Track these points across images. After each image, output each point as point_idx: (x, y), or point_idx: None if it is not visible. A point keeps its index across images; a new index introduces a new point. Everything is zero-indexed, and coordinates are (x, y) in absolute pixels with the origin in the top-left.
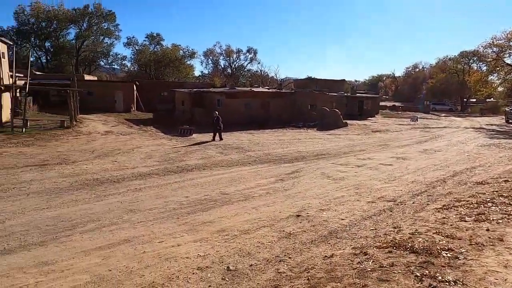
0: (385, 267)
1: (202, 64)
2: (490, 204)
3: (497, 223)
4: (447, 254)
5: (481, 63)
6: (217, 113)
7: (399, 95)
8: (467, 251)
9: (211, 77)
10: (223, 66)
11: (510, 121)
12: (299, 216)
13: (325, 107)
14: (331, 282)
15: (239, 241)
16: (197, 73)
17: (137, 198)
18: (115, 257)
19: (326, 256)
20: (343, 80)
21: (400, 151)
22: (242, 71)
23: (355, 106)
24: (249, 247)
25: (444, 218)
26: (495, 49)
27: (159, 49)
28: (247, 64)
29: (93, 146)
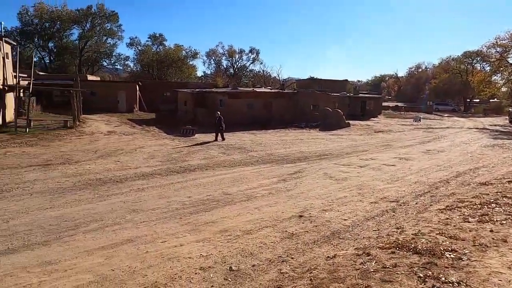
0: (388, 267)
1: (204, 64)
2: (493, 205)
3: (501, 224)
4: (450, 255)
5: (484, 63)
6: (219, 113)
7: (402, 95)
8: (470, 252)
9: (214, 77)
10: (225, 66)
11: None
12: (301, 216)
13: (327, 107)
14: (334, 282)
15: (242, 241)
16: (200, 73)
17: (140, 198)
18: (118, 257)
19: (328, 256)
20: (345, 80)
21: (403, 151)
22: (244, 72)
23: (358, 106)
24: (252, 248)
25: (447, 219)
26: (498, 49)
27: (162, 50)
28: (250, 64)
29: (96, 146)
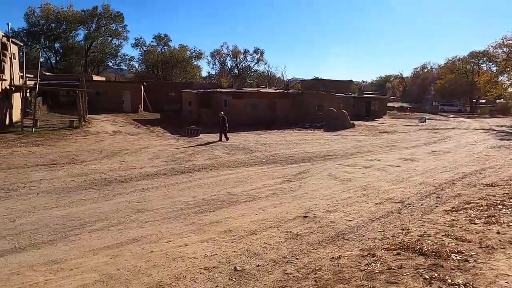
0: (394, 269)
1: (209, 64)
2: (500, 206)
3: (507, 225)
4: (456, 256)
5: (491, 64)
6: (222, 113)
7: (407, 96)
8: (477, 254)
9: (218, 77)
10: (230, 66)
11: None
12: (306, 217)
13: (332, 107)
14: (339, 283)
15: (246, 242)
16: (204, 73)
17: (145, 198)
18: (123, 256)
19: (333, 257)
20: (350, 80)
21: (408, 152)
22: (249, 72)
23: (363, 106)
24: (256, 248)
25: (453, 220)
26: (505, 49)
27: (167, 50)
28: (254, 64)
29: (101, 146)
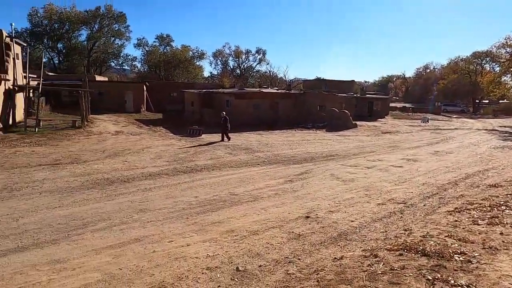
0: (396, 270)
1: (211, 65)
2: (503, 207)
3: (511, 226)
4: (459, 257)
5: (494, 64)
6: (224, 113)
7: (410, 96)
8: (480, 255)
9: (220, 78)
10: (232, 67)
11: None
12: (308, 217)
13: (334, 108)
14: (341, 284)
15: (248, 242)
16: (206, 74)
17: (147, 197)
18: (125, 256)
19: (335, 258)
20: (352, 81)
21: (410, 152)
22: (251, 72)
23: (365, 107)
24: (258, 248)
25: (456, 221)
26: (508, 49)
27: (169, 50)
28: (256, 65)
29: (104, 146)
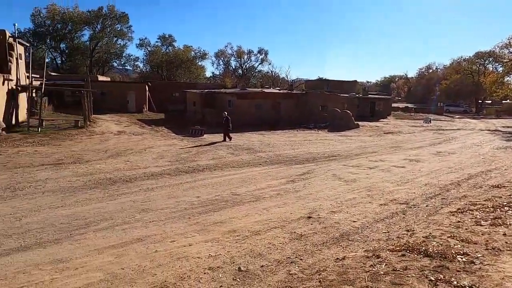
0: (399, 270)
1: (213, 65)
2: (506, 208)
3: None
4: (462, 258)
5: (497, 64)
6: (226, 113)
7: (412, 96)
8: (483, 256)
9: (222, 78)
10: (234, 67)
11: None
12: (310, 217)
13: (336, 108)
14: (344, 285)
15: (250, 242)
16: (208, 74)
17: (149, 197)
18: (127, 256)
19: (338, 258)
20: (354, 81)
21: (413, 153)
22: (253, 72)
23: (367, 107)
24: (260, 248)
25: (459, 221)
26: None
27: (171, 50)
28: (258, 65)
29: (106, 146)
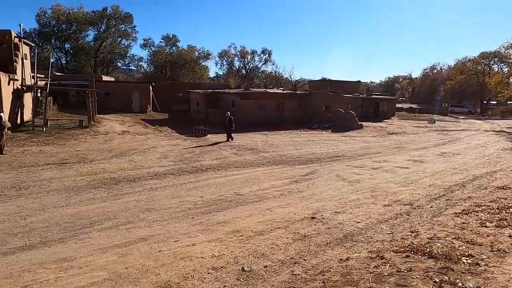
0: (403, 271)
1: (217, 65)
2: None
3: None
4: (467, 260)
5: (502, 64)
6: (229, 113)
7: (416, 97)
8: (488, 258)
9: (226, 78)
10: (237, 67)
11: None
12: (314, 218)
13: (340, 108)
14: (347, 286)
15: (254, 242)
16: (212, 74)
17: (153, 197)
18: (131, 255)
19: (341, 259)
20: (358, 81)
21: (417, 154)
22: (256, 72)
23: (371, 107)
24: (264, 248)
25: (463, 223)
26: None
27: (175, 50)
28: (262, 65)
29: (110, 145)
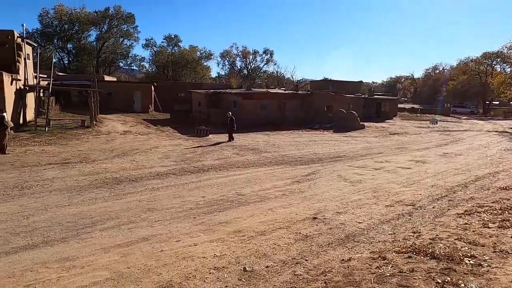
0: (405, 272)
1: (218, 65)
2: None
3: None
4: (469, 261)
5: (505, 65)
6: (230, 113)
7: (418, 97)
8: (491, 259)
9: (228, 78)
10: (239, 67)
11: None
12: (315, 218)
13: (341, 108)
14: (349, 286)
15: (255, 242)
16: (214, 74)
17: (155, 197)
18: (133, 255)
19: (343, 259)
20: (360, 81)
21: (419, 154)
22: (258, 73)
23: (373, 108)
24: (265, 249)
25: (466, 224)
26: None
27: (177, 51)
28: (264, 65)
29: (112, 145)
